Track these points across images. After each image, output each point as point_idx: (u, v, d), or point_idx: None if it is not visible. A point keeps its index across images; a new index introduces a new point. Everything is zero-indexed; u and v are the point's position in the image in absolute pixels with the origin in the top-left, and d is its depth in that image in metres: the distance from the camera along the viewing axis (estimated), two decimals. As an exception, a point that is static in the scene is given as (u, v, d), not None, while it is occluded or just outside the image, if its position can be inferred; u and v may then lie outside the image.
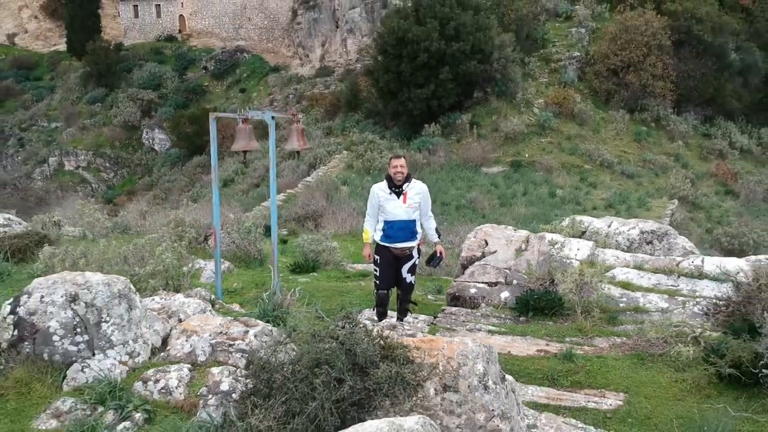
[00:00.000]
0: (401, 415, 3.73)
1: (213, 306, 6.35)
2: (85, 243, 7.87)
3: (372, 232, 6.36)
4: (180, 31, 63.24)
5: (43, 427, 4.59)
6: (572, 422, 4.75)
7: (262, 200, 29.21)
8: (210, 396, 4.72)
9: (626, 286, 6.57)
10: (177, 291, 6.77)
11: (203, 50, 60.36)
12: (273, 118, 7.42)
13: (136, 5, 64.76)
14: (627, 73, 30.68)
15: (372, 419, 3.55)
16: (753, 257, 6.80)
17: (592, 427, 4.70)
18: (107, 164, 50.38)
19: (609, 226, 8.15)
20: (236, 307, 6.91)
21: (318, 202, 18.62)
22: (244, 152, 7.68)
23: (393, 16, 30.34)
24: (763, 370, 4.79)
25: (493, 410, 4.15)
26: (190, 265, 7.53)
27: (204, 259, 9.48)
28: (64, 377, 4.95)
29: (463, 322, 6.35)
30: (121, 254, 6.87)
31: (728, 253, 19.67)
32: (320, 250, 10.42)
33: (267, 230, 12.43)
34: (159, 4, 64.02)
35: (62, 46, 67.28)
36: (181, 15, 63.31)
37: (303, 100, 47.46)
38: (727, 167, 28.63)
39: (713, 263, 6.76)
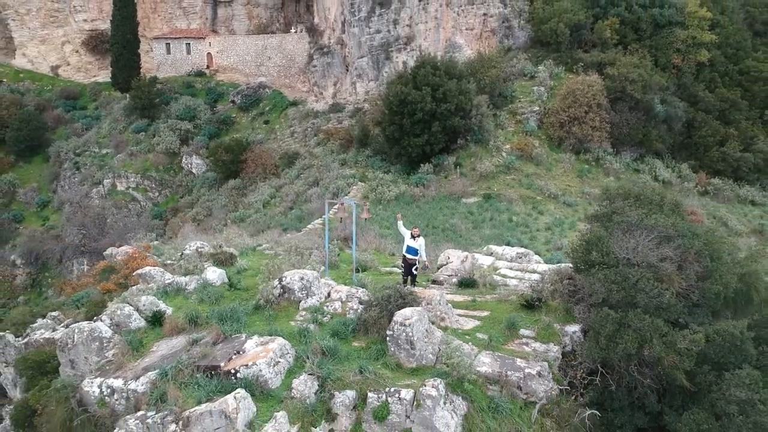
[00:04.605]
0: (415, 307, 13.27)
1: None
2: (273, 256, 17.32)
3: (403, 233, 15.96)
4: (208, 67, 71.96)
5: (299, 318, 13.98)
6: (471, 320, 14.26)
7: (299, 221, 38.30)
8: (350, 311, 14.15)
9: (504, 276, 16.04)
10: (315, 278, 16.10)
11: (229, 85, 69.22)
12: (356, 204, 17.03)
13: (168, 43, 73.67)
14: (573, 125, 40.20)
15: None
16: (560, 264, 16.32)
17: (478, 321, 14.20)
18: (153, 185, 59.01)
19: (503, 251, 17.63)
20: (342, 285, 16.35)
21: (350, 227, 27.89)
22: (341, 218, 17.31)
23: (396, 82, 39.74)
24: (536, 303, 14.30)
25: (443, 311, 13.63)
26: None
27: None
28: (298, 306, 14.30)
29: (437, 289, 15.78)
30: (292, 262, 16.35)
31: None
32: (365, 260, 19.86)
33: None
34: (189, 43, 72.96)
35: (101, 78, 75.86)
36: (209, 53, 72.17)
37: (319, 133, 56.06)
38: (646, 197, 37.82)
39: (543, 267, 16.25)
